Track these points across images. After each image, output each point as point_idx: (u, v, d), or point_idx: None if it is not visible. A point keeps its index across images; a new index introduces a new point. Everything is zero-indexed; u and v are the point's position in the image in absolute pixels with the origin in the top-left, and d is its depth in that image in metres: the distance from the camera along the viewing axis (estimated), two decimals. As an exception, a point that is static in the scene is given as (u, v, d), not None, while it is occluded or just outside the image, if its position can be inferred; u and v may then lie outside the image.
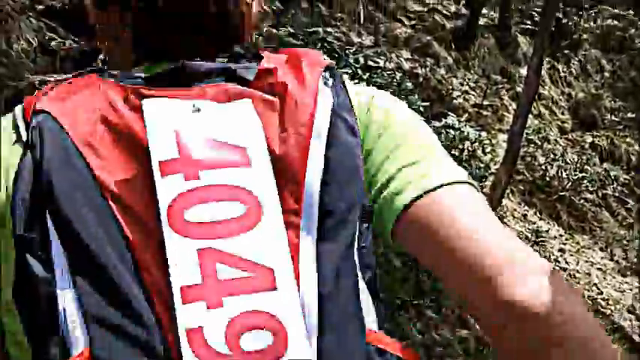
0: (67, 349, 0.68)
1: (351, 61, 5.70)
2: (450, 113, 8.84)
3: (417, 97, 6.08)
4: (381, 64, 6.10)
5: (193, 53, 0.82)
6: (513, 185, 8.19)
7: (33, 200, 0.73)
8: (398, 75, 6.18)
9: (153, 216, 0.72)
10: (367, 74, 5.18)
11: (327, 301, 0.72)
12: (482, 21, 10.83)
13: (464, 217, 0.76)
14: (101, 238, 0.71)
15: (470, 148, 7.39)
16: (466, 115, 9.09)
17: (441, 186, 0.79)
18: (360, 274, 0.76)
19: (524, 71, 11.08)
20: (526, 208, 8.21)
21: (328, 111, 0.79)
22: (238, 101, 0.77)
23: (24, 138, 0.78)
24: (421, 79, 10.09)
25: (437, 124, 6.73)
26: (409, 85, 5.71)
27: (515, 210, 7.98)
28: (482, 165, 7.36)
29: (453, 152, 5.78)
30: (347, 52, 6.10)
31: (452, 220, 0.76)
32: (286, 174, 0.76)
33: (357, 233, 0.77)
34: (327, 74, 0.83)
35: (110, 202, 0.73)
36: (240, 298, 0.69)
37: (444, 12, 11.26)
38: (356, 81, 5.20)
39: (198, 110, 0.76)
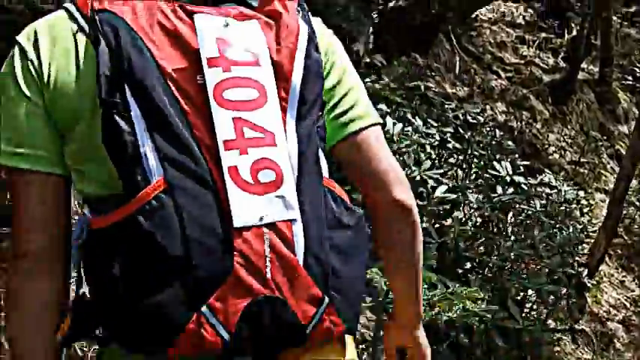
0: (147, 178, 1.01)
1: (451, 116, 5.62)
2: (546, 170, 8.58)
3: (517, 156, 5.94)
4: (482, 120, 5.96)
5: None
6: (611, 249, 7.85)
7: (112, 75, 1.02)
8: (498, 132, 6.03)
9: (200, 95, 1.07)
10: (469, 132, 5.08)
11: (302, 154, 1.12)
12: (581, 75, 10.59)
13: (378, 150, 1.28)
14: (166, 106, 1.04)
15: (567, 208, 7.14)
16: (563, 172, 8.81)
17: (371, 125, 1.30)
18: (317, 140, 1.16)
19: (623, 128, 10.72)
20: (624, 274, 7.84)
21: (306, 34, 1.18)
22: (249, 21, 1.13)
23: (86, 29, 1.07)
24: (516, 133, 9.87)
25: (532, 180, 6.53)
26: (510, 144, 5.57)
27: (612, 276, 7.63)
28: (579, 227, 7.09)
29: (549, 211, 5.56)
30: (446, 106, 6.04)
31: (372, 150, 1.27)
32: (280, 74, 1.13)
33: (318, 116, 1.18)
34: (299, 7, 1.21)
35: (169, 82, 1.06)
36: (256, 149, 1.07)
37: (542, 65, 11.07)
38: (457, 136, 5.08)
39: (227, 25, 1.10)
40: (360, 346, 3.53)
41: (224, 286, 1.01)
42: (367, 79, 4.52)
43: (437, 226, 4.34)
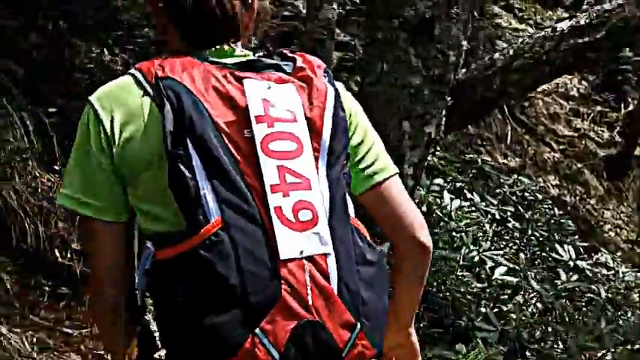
0: (207, 217, 1.16)
1: (508, 192, 5.46)
2: (601, 249, 8.26)
3: (577, 237, 5.72)
4: (540, 197, 5.77)
5: (220, 42, 1.35)
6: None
7: (176, 131, 1.18)
8: (557, 211, 5.82)
9: (248, 146, 1.22)
10: (529, 212, 4.90)
11: (332, 197, 1.26)
12: (637, 151, 10.34)
13: (400, 197, 1.45)
14: (221, 156, 1.19)
15: (624, 292, 6.84)
16: (619, 252, 8.49)
17: (391, 176, 1.45)
18: (344, 185, 1.31)
19: (682, 207, 10.35)
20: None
21: (332, 95, 1.33)
22: (286, 84, 1.29)
23: (151, 93, 1.26)
24: (569, 208, 9.59)
25: (586, 261, 6.28)
26: (571, 225, 5.36)
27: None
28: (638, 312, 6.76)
29: (607, 294, 5.27)
30: (502, 181, 5.88)
31: (395, 198, 1.44)
32: (313, 129, 1.28)
33: (344, 164, 1.32)
34: (325, 73, 1.36)
35: (223, 136, 1.21)
36: (296, 192, 1.21)
37: (596, 139, 10.87)
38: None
39: (270, 88, 1.27)
40: None
41: (273, 311, 1.16)
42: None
43: (496, 310, 4.14)
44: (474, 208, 4.53)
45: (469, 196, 4.91)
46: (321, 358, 1.20)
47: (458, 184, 5.06)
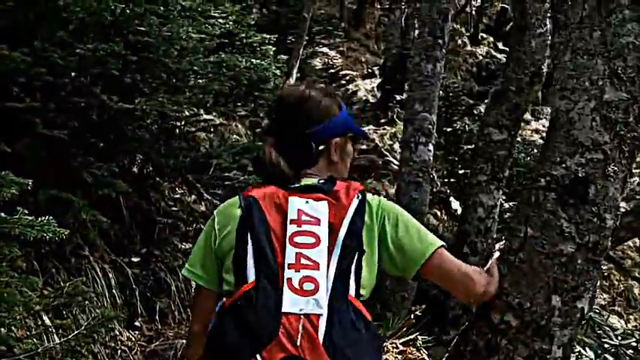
0: (246, 280, 1.74)
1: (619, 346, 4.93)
2: None
3: None
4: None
5: (289, 182, 1.95)
6: None
7: (242, 229, 1.82)
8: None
9: (282, 239, 1.78)
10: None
11: (337, 279, 1.74)
12: None
13: (452, 262, 1.95)
14: (266, 246, 1.77)
15: None
16: None
17: (438, 248, 1.92)
18: (353, 275, 1.77)
19: None
20: None
21: (354, 208, 1.85)
22: (321, 201, 1.85)
23: (240, 205, 1.89)
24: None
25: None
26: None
27: None
28: None
29: None
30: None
31: (447, 265, 1.94)
32: (333, 231, 1.79)
33: (355, 259, 1.79)
34: (360, 194, 1.89)
35: (270, 232, 1.80)
36: (305, 270, 1.72)
37: (690, 272, 10.11)
38: None
39: (307, 202, 1.84)
40: None
41: (271, 345, 1.64)
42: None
43: None
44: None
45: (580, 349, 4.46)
46: None
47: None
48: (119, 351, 3.39)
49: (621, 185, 2.20)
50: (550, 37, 4.65)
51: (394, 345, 3.53)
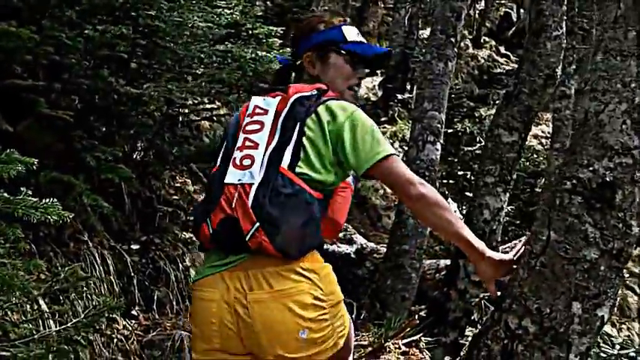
0: (216, 164, 2.21)
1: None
2: None
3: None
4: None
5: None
6: None
7: (224, 132, 2.28)
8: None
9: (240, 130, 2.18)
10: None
11: (273, 155, 2.04)
12: None
13: (399, 168, 2.08)
14: (230, 138, 2.19)
15: None
16: None
17: (390, 156, 2.08)
18: (289, 151, 2.04)
19: None
20: None
21: (293, 100, 2.12)
22: (277, 97, 2.18)
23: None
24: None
25: None
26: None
27: None
28: None
29: None
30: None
31: (395, 169, 2.08)
32: (276, 117, 2.12)
33: (293, 138, 2.06)
34: (317, 91, 2.18)
35: (237, 127, 2.19)
36: (247, 150, 2.09)
37: (685, 284, 10.08)
38: None
39: (264, 99, 2.19)
40: None
41: (216, 209, 2.05)
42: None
43: None
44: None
45: None
46: (234, 237, 1.99)
47: None
48: (115, 340, 3.31)
49: (649, 192, 2.13)
50: (565, 41, 4.59)
51: (397, 345, 3.46)
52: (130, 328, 3.47)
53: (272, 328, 1.92)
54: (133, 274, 3.67)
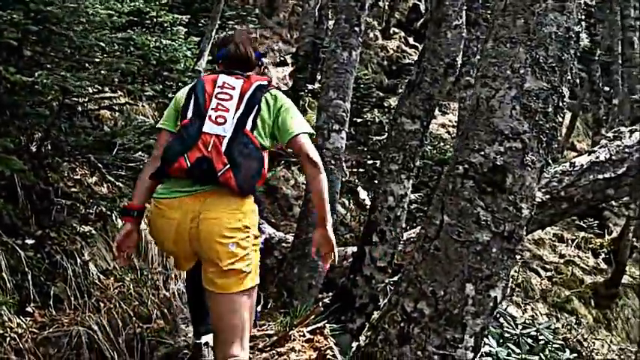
0: (186, 117, 2.92)
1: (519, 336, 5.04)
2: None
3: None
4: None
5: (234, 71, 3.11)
6: None
7: (190, 93, 2.96)
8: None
9: (211, 96, 2.93)
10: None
11: (239, 120, 2.85)
12: (625, 279, 10.09)
13: (306, 145, 2.86)
14: (201, 102, 2.89)
15: None
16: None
17: (302, 133, 2.89)
18: (250, 120, 2.86)
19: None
20: None
21: (254, 87, 2.95)
22: (240, 79, 2.98)
23: (191, 86, 3.06)
24: (560, 338, 9.11)
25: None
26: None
27: None
28: None
29: None
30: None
31: (304, 145, 2.85)
32: (242, 94, 2.92)
33: (252, 112, 2.88)
34: (266, 82, 3.03)
35: (205, 92, 2.93)
36: (220, 112, 2.86)
37: (582, 265, 10.62)
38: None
39: (230, 78, 2.97)
40: None
41: (192, 149, 2.72)
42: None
43: None
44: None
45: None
46: (206, 172, 2.69)
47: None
48: (8, 338, 3.15)
49: (538, 175, 2.20)
50: (466, 31, 4.68)
51: (301, 333, 3.46)
52: (25, 326, 3.31)
53: (212, 239, 2.69)
54: (27, 269, 3.51)
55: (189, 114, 2.81)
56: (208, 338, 3.36)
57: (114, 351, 3.39)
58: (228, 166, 2.68)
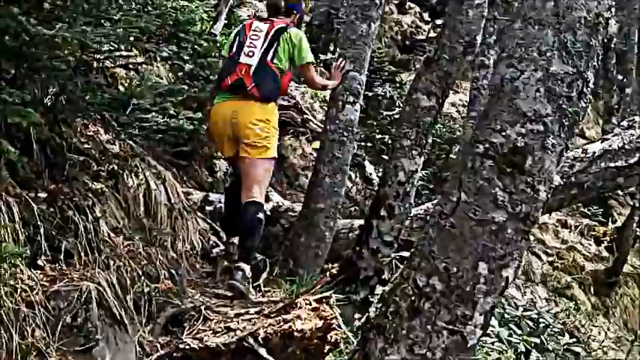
0: (232, 51, 4.89)
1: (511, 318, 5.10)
2: (591, 365, 7.89)
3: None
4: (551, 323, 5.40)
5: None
6: None
7: (236, 34, 4.95)
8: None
9: (247, 37, 4.79)
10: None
11: (264, 55, 4.64)
12: (626, 268, 10.14)
13: (311, 73, 4.94)
14: (241, 39, 4.77)
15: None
16: (610, 375, 8.07)
17: (310, 62, 4.85)
18: (271, 53, 4.66)
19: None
20: None
21: (277, 27, 4.75)
22: (266, 23, 4.79)
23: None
24: (559, 323, 9.17)
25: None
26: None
27: None
28: None
29: None
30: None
31: (309, 72, 4.91)
32: (266, 36, 4.70)
33: (274, 46, 4.70)
34: (286, 25, 4.83)
35: (245, 33, 4.80)
36: (251, 48, 4.68)
37: (584, 252, 10.67)
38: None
39: (261, 22, 4.81)
40: None
41: (232, 74, 4.58)
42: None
43: None
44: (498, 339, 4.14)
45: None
46: (242, 87, 4.50)
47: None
48: (19, 290, 3.19)
49: (557, 159, 2.21)
50: (487, 10, 4.66)
51: (307, 301, 3.49)
52: (36, 279, 3.35)
53: (245, 124, 4.46)
54: (39, 222, 3.54)
55: (234, 49, 4.61)
56: (235, 239, 4.73)
57: (122, 308, 3.43)
58: (254, 84, 4.45)
